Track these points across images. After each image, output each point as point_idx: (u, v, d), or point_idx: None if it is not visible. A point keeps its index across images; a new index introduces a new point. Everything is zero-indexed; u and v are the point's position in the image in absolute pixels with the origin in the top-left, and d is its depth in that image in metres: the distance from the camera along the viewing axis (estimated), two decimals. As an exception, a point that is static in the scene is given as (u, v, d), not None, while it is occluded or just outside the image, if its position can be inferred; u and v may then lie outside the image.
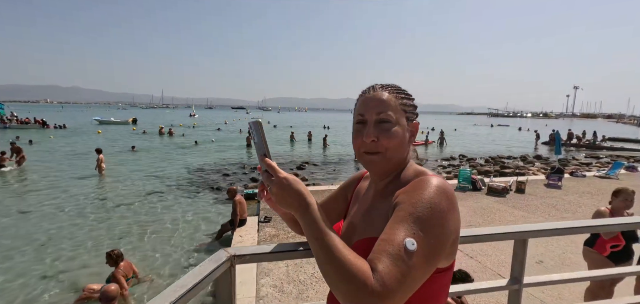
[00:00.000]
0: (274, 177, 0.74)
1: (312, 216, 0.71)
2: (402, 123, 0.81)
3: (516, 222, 6.58)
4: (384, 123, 0.80)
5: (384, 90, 0.82)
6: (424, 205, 0.67)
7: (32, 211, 8.24)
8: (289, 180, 0.73)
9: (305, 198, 0.73)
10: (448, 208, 0.69)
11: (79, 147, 20.11)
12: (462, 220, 5.62)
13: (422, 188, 0.70)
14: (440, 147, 24.30)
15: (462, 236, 1.07)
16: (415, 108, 0.85)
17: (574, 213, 7.18)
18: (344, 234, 0.89)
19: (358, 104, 0.85)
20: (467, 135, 39.03)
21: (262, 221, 6.50)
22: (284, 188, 0.73)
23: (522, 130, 47.67)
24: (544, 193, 9.01)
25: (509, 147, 25.92)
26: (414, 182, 0.75)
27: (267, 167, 0.75)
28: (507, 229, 1.09)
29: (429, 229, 0.65)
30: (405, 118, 0.82)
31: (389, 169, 0.83)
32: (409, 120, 0.83)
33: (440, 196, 0.69)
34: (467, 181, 9.35)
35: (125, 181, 11.50)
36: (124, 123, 42.35)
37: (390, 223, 0.68)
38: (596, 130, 32.60)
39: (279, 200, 0.74)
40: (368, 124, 0.81)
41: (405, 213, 0.67)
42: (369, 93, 0.83)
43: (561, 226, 1.11)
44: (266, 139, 0.77)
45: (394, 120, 0.79)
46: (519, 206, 7.66)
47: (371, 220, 0.82)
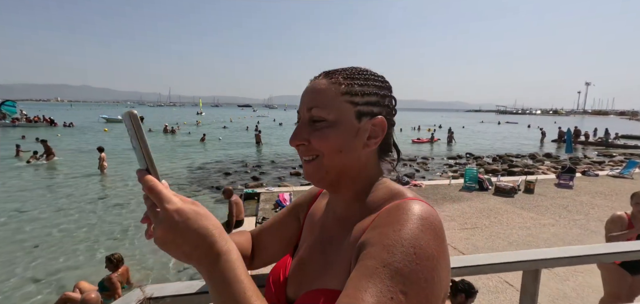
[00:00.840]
0: (160, 209, 0.45)
1: (224, 275, 0.46)
2: (346, 120, 0.57)
3: (525, 224, 6.28)
4: (316, 123, 0.58)
5: (326, 78, 0.60)
6: (404, 250, 0.45)
7: (29, 210, 8.19)
8: (183, 214, 0.45)
9: (213, 243, 0.46)
10: (438, 252, 0.46)
11: (83, 145, 20.22)
12: (468, 221, 5.30)
13: (400, 222, 0.48)
14: (449, 145, 23.86)
15: (459, 266, 0.84)
16: (380, 97, 0.61)
17: (587, 215, 6.84)
18: (291, 277, 0.65)
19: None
20: (475, 132, 38.42)
21: (259, 222, 6.31)
22: (174, 229, 0.44)
23: (531, 128, 46.79)
24: (555, 193, 8.65)
25: (514, 145, 25.40)
26: (387, 210, 0.52)
27: (148, 191, 0.46)
28: (514, 257, 0.85)
29: (413, 287, 0.43)
30: (357, 113, 0.58)
31: (333, 181, 0.60)
32: (363, 116, 0.58)
33: (428, 234, 0.47)
34: (473, 180, 9.03)
35: (126, 180, 11.44)
36: (131, 121, 42.61)
37: (356, 277, 0.45)
38: (608, 128, 31.73)
39: (165, 247, 0.45)
40: (299, 124, 0.60)
41: (378, 263, 0.44)
42: (309, 84, 0.61)
43: (583, 253, 0.87)
44: (147, 141, 0.47)
45: (331, 118, 0.57)
46: (528, 208, 7.34)
47: (326, 262, 0.59)
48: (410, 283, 0.43)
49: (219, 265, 0.46)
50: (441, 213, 6.81)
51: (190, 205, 0.47)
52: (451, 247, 5.23)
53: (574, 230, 6.02)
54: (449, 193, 8.56)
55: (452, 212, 6.93)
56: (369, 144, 0.59)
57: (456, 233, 5.81)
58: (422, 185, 9.40)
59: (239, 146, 21.57)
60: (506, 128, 47.33)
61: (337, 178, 0.60)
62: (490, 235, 5.73)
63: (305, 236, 0.72)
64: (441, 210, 7.08)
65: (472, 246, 5.28)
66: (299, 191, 8.73)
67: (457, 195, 8.32)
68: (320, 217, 0.70)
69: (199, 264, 0.47)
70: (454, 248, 5.22)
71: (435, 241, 0.47)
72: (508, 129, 46.22)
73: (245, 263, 0.76)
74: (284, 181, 11.25)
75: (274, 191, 8.68)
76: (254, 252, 0.79)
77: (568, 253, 0.88)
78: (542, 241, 5.53)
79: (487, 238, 5.60)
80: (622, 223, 3.00)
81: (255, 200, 8.46)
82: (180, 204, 0.46)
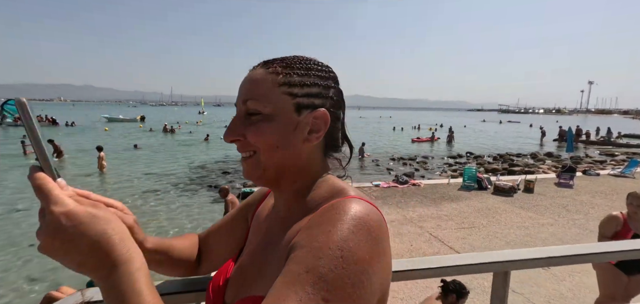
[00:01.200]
0: (46, 212, 0.39)
1: (120, 287, 0.40)
2: (284, 113, 0.53)
3: (523, 224, 6.22)
4: (252, 116, 0.54)
5: (263, 67, 0.55)
6: (330, 253, 0.41)
7: (26, 209, 8.19)
8: (75, 218, 0.39)
9: (110, 251, 0.40)
10: (371, 255, 0.43)
11: (84, 145, 20.26)
12: (465, 220, 5.23)
13: (331, 222, 0.44)
14: (449, 145, 23.76)
15: (423, 268, 0.80)
16: (323, 88, 0.56)
17: (586, 215, 6.77)
18: (230, 282, 0.61)
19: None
20: (476, 132, 38.27)
21: (255, 222, 6.29)
22: (61, 235, 0.38)
23: (533, 127, 46.59)
24: (555, 192, 8.58)
25: (514, 144, 25.29)
26: (323, 210, 0.48)
27: (35, 191, 0.40)
28: (481, 258, 0.81)
29: (337, 293, 0.39)
30: (296, 105, 0.53)
31: (272, 178, 0.56)
32: (303, 108, 0.54)
33: (359, 235, 0.43)
34: (472, 179, 8.97)
35: (125, 180, 11.45)
36: (133, 121, 42.77)
37: (278, 284, 0.41)
38: (610, 127, 31.51)
39: (51, 255, 0.39)
40: (234, 118, 0.56)
41: (302, 268, 0.41)
42: (247, 74, 0.57)
43: (555, 253, 0.83)
44: (39, 133, 0.40)
45: (268, 111, 0.53)
46: (527, 207, 7.27)
47: (263, 264, 0.55)
48: (334, 289, 0.39)
49: (115, 275, 0.40)
50: (439, 213, 6.76)
51: (88, 208, 0.41)
52: (447, 246, 5.18)
53: (573, 230, 5.96)
54: (447, 192, 8.50)
55: (449, 212, 6.87)
56: (310, 139, 0.55)
57: (453, 232, 5.76)
58: (420, 184, 9.35)
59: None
60: (508, 128, 47.13)
61: (276, 175, 0.56)
62: (487, 234, 5.68)
63: (250, 238, 0.67)
64: (439, 209, 7.03)
65: (468, 246, 5.23)
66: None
67: (456, 195, 8.26)
68: (265, 218, 0.66)
69: (93, 275, 0.41)
70: (451, 247, 5.17)
71: (368, 243, 0.43)
72: (509, 128, 46.02)
73: (191, 267, 0.73)
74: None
75: (272, 191, 8.66)
76: (201, 256, 0.74)
77: (538, 254, 0.84)
78: (540, 241, 5.47)
79: (484, 237, 5.55)
80: (617, 223, 2.94)
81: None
82: (72, 206, 0.40)
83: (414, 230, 5.85)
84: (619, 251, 0.85)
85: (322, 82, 0.56)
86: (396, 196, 8.10)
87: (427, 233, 5.70)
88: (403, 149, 21.14)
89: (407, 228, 5.93)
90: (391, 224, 6.13)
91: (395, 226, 6.04)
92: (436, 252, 5.03)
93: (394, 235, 5.60)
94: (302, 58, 0.57)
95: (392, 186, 9.05)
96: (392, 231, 5.77)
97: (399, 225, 6.08)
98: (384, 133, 34.07)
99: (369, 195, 8.08)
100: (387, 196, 8.09)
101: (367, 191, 8.57)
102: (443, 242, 5.35)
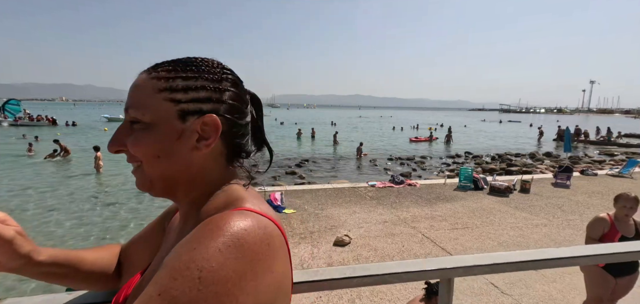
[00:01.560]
0: None
1: None
2: (165, 121, 0.49)
3: (517, 224, 6.18)
4: (134, 125, 0.50)
5: (146, 72, 0.52)
6: (188, 274, 0.37)
7: (16, 210, 8.20)
8: None
9: None
10: (240, 275, 0.39)
11: (82, 144, 20.28)
12: (459, 221, 5.19)
13: (200, 239, 0.41)
14: (447, 145, 23.71)
15: (362, 275, 0.77)
16: (213, 91, 0.52)
17: (581, 215, 6.73)
18: (130, 298, 0.56)
19: None
20: (476, 131, 38.18)
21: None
22: None
23: (533, 127, 46.46)
24: (551, 192, 8.53)
25: (512, 144, 25.22)
26: (200, 225, 0.45)
27: None
28: (423, 265, 0.79)
29: None
30: (180, 111, 0.49)
31: (162, 189, 0.53)
32: (189, 114, 0.50)
33: (228, 253, 0.39)
34: (468, 180, 8.94)
35: (122, 180, 11.44)
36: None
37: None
38: (610, 126, 31.39)
39: None
40: (119, 127, 0.52)
41: (155, 291, 0.38)
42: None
43: (499, 260, 0.80)
44: None
45: (147, 119, 0.49)
46: (522, 207, 7.23)
47: None
48: None
49: None
50: (433, 213, 6.73)
51: None
52: (439, 247, 5.15)
53: (567, 231, 5.92)
54: (443, 192, 8.47)
55: (444, 212, 6.84)
56: (199, 147, 0.51)
57: (446, 233, 5.72)
58: (417, 185, 9.32)
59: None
60: (507, 127, 47.01)
61: (166, 186, 0.53)
62: (480, 235, 5.64)
63: (161, 249, 0.64)
64: (433, 210, 7.00)
65: (460, 246, 5.20)
66: (292, 191, 8.69)
67: (451, 195, 8.22)
68: (174, 228, 0.63)
69: None
70: (443, 248, 5.14)
71: (238, 262, 0.39)
72: (509, 128, 45.91)
73: (109, 280, 0.68)
74: (279, 181, 11.21)
75: (267, 191, 8.62)
76: (121, 267, 0.71)
77: (482, 261, 0.81)
78: (533, 242, 5.43)
79: (477, 238, 5.51)
80: (604, 225, 2.91)
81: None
82: None
83: (407, 231, 5.82)
84: (569, 258, 0.82)
85: (212, 85, 0.52)
86: (391, 196, 8.07)
87: (420, 234, 5.67)
88: (401, 149, 21.11)
89: (400, 229, 5.90)
90: (384, 224, 6.10)
91: (388, 226, 6.01)
92: (428, 253, 5.00)
93: (386, 236, 5.57)
94: (192, 60, 0.53)
95: (387, 187, 9.01)
96: (384, 232, 5.74)
97: (392, 226, 6.05)
98: (383, 132, 34.03)
99: (364, 196, 8.07)
100: (382, 196, 8.06)
101: (362, 191, 8.54)
102: (435, 243, 5.31)
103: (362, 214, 6.72)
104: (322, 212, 6.81)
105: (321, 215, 6.61)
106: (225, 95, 0.53)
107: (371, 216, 6.56)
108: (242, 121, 0.56)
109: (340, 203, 7.43)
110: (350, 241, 5.27)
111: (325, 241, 5.35)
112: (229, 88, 0.54)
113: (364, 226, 6.04)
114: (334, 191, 8.56)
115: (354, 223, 6.15)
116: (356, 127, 41.66)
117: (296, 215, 6.66)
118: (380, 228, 5.93)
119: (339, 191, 8.57)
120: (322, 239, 5.43)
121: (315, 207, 7.14)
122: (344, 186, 9.15)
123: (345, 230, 5.72)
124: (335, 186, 9.12)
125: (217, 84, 0.52)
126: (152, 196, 0.55)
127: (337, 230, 5.80)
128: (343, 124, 45.41)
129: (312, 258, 4.79)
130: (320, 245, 5.20)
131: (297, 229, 5.89)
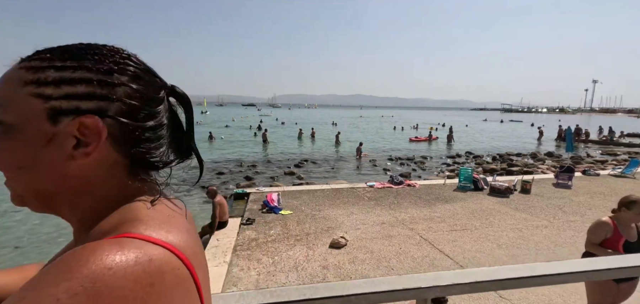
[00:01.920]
0: None
1: None
2: (29, 123, 0.39)
3: (517, 225, 6.07)
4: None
5: (19, 62, 0.41)
6: None
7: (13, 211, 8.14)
8: None
9: None
10: None
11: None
12: (458, 222, 5.09)
13: (46, 280, 0.30)
14: (448, 144, 23.57)
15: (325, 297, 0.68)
16: (97, 85, 0.40)
17: (583, 216, 6.62)
18: None
19: None
20: (477, 131, 38.00)
21: (244, 224, 6.18)
22: None
23: (534, 126, 46.23)
24: (552, 193, 8.41)
25: (513, 143, 25.07)
26: (65, 255, 0.34)
27: None
28: (394, 284, 0.69)
29: None
30: (50, 110, 0.39)
31: (37, 206, 0.43)
32: (63, 114, 0.39)
33: (76, 299, 0.29)
34: (468, 180, 8.82)
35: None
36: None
37: None
38: (612, 126, 31.18)
39: None
40: None
41: None
42: None
43: (484, 277, 0.71)
44: None
45: (9, 120, 0.39)
46: (522, 208, 7.12)
47: None
48: None
49: None
50: (432, 215, 6.62)
51: None
52: (437, 249, 5.05)
53: (568, 232, 5.81)
54: (442, 193, 8.36)
55: (442, 213, 6.74)
56: (75, 156, 0.40)
57: (444, 235, 5.62)
58: (416, 185, 9.21)
59: (239, 145, 21.51)
60: (509, 127, 46.80)
61: (40, 203, 0.43)
62: (479, 237, 5.54)
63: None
64: (432, 211, 6.89)
65: (458, 248, 5.10)
66: (290, 191, 8.60)
67: (451, 195, 8.12)
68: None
69: None
70: (440, 250, 5.04)
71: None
72: (510, 128, 45.71)
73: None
74: (277, 181, 11.12)
75: (265, 191, 8.54)
76: None
77: (469, 278, 0.72)
78: (533, 243, 5.33)
79: (476, 240, 5.41)
80: (607, 230, 2.79)
81: (244, 200, 8.32)
82: None
83: (405, 232, 5.72)
84: (558, 275, 0.73)
85: (97, 77, 0.41)
86: (390, 197, 7.97)
87: (418, 236, 5.57)
88: (402, 149, 20.98)
89: (398, 231, 5.80)
90: (382, 226, 6.01)
91: (385, 228, 5.92)
92: (425, 255, 4.90)
93: (383, 238, 5.48)
94: (73, 47, 0.42)
95: (386, 187, 8.91)
96: (381, 234, 5.65)
97: (390, 227, 5.95)
98: (384, 132, 33.91)
99: (362, 196, 7.97)
100: (380, 197, 7.96)
101: (360, 192, 8.44)
102: (433, 245, 5.21)
103: (359, 215, 6.62)
104: (319, 213, 6.72)
105: (318, 216, 6.52)
106: (117, 92, 0.42)
107: (369, 218, 6.47)
108: (145, 124, 0.44)
109: (338, 204, 7.34)
110: (346, 243, 5.18)
111: (321, 243, 5.26)
112: (126, 83, 0.43)
113: (361, 227, 5.94)
114: (332, 192, 8.47)
115: (351, 225, 6.06)
116: (357, 127, 41.55)
117: (293, 216, 6.57)
118: (377, 230, 5.83)
119: (337, 192, 8.48)
120: (318, 241, 5.34)
121: (312, 208, 7.05)
122: (343, 187, 9.05)
123: (341, 232, 5.63)
124: (334, 187, 9.03)
125: (106, 77, 0.41)
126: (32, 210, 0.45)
127: (334, 231, 5.71)
128: (344, 124, 45.27)
129: (307, 260, 4.70)
130: (315, 247, 5.11)
131: (293, 230, 5.80)
